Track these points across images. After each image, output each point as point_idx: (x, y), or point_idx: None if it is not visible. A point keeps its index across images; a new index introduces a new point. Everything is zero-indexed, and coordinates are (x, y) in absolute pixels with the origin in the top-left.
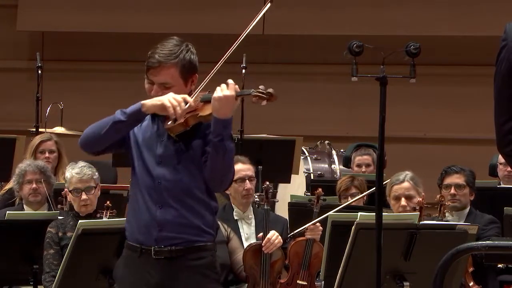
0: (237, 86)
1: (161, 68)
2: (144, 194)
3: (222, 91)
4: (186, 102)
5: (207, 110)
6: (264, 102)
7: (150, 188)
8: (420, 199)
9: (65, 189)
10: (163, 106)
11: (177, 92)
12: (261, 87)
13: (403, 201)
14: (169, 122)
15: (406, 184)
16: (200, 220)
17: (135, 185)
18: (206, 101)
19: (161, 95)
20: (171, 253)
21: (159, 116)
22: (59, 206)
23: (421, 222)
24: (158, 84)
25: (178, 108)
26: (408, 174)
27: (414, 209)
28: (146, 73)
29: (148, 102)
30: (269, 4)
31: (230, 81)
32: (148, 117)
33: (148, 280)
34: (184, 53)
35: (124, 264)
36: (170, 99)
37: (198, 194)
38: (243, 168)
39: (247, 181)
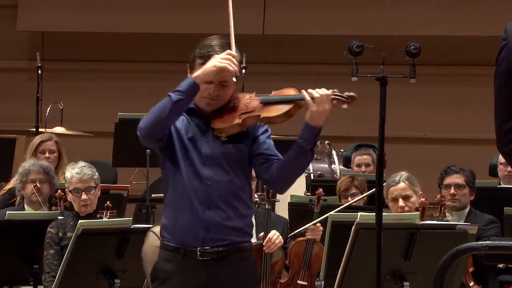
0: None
1: None
2: (190, 195)
3: (321, 104)
4: (233, 56)
5: (272, 112)
6: (345, 106)
7: (198, 189)
8: (423, 199)
9: (59, 190)
10: (219, 69)
11: (231, 91)
12: (336, 90)
13: (401, 202)
14: (211, 114)
15: (402, 185)
16: (243, 221)
17: (179, 185)
18: (268, 103)
19: (219, 95)
20: (217, 254)
21: (199, 117)
22: (53, 208)
23: (421, 222)
24: (219, 83)
25: (233, 64)
26: (403, 174)
27: (416, 209)
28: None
29: (200, 73)
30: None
31: (322, 91)
32: (186, 119)
33: (194, 281)
34: (237, 53)
35: (167, 265)
36: (220, 60)
37: (242, 196)
38: None
39: None
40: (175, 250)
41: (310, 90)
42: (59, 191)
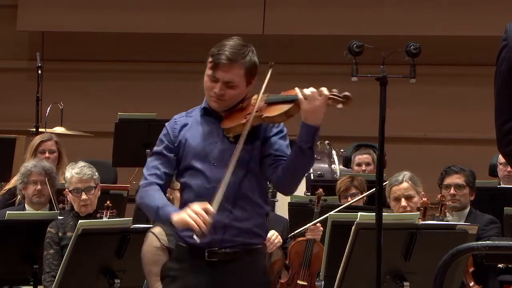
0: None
1: (230, 66)
2: (198, 197)
3: (312, 101)
4: (207, 212)
5: (273, 112)
6: (340, 106)
7: (205, 191)
8: (425, 199)
9: (66, 189)
10: (184, 224)
11: (239, 92)
12: (334, 90)
13: (403, 202)
14: (223, 114)
15: (405, 185)
16: (254, 223)
17: (187, 188)
18: (271, 103)
19: (223, 94)
20: (226, 256)
21: (212, 115)
22: (60, 205)
23: (421, 222)
24: (224, 82)
25: (201, 223)
26: (406, 174)
27: (418, 209)
28: (213, 70)
29: (176, 218)
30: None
31: (323, 89)
32: (198, 117)
33: (201, 282)
34: (251, 55)
35: (177, 264)
36: (191, 214)
37: (252, 197)
38: None
39: None
40: (184, 250)
41: (304, 89)
42: (66, 189)
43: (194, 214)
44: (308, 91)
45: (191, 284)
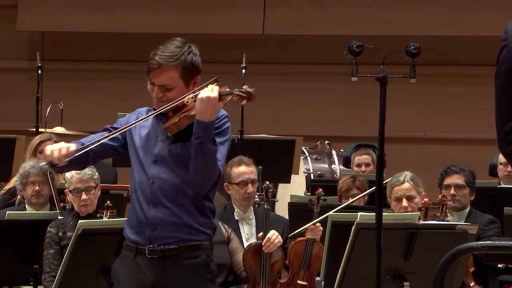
0: (221, 88)
1: (161, 70)
2: (138, 194)
3: (205, 93)
4: (66, 149)
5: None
6: (244, 102)
7: (145, 187)
8: (427, 199)
9: (66, 189)
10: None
11: (178, 93)
12: (244, 87)
13: (405, 202)
14: (166, 124)
15: (406, 185)
16: (194, 219)
17: (132, 186)
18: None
19: (162, 97)
20: (164, 252)
21: (159, 115)
22: (61, 204)
23: (422, 222)
24: (159, 86)
25: (55, 152)
26: (408, 174)
27: (419, 210)
28: (147, 75)
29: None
30: None
31: (213, 86)
32: (152, 118)
33: (143, 280)
34: (186, 55)
35: (121, 264)
36: (52, 147)
37: (191, 194)
38: (246, 171)
39: (249, 184)
40: (129, 248)
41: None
42: (66, 189)
43: (53, 146)
44: (203, 92)
45: (134, 282)
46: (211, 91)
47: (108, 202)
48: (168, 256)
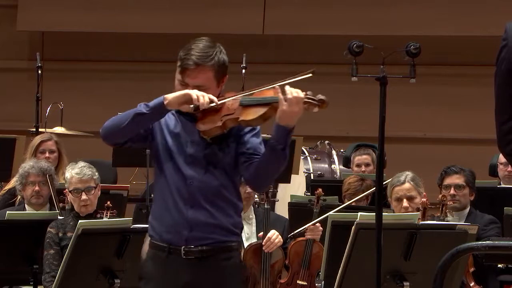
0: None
1: (199, 71)
2: (174, 194)
3: (291, 105)
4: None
5: (249, 115)
6: (316, 109)
7: (181, 188)
8: (425, 199)
9: (66, 189)
10: (187, 97)
11: (212, 94)
12: (309, 92)
13: (405, 203)
14: (198, 114)
15: (407, 185)
16: (229, 220)
17: (163, 184)
18: (247, 105)
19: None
20: (201, 253)
21: (187, 116)
22: (61, 204)
23: (421, 222)
24: (193, 87)
25: (202, 98)
26: (408, 174)
27: (417, 210)
28: (181, 74)
29: (171, 95)
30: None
31: (296, 92)
32: (174, 117)
33: (176, 280)
34: (218, 55)
35: (152, 264)
36: (196, 93)
37: (227, 195)
38: None
39: None
40: (160, 248)
41: (287, 88)
42: (66, 189)
43: (198, 91)
44: (290, 94)
45: (167, 283)
46: (295, 102)
47: (108, 202)
48: (205, 257)
